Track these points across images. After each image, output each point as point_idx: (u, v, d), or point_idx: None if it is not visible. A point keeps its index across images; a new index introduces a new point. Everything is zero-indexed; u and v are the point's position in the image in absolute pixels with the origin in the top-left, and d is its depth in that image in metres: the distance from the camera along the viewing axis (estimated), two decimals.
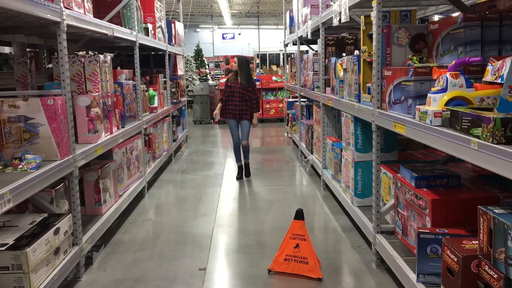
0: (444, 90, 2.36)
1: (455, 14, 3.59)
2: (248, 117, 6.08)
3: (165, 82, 7.16)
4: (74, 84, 3.68)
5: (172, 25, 7.86)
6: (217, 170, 6.78)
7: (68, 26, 3.10)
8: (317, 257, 3.28)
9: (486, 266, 1.95)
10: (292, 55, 9.47)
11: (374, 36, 3.16)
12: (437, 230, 2.46)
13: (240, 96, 5.99)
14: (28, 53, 5.98)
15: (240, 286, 3.15)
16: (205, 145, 9.09)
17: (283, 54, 11.40)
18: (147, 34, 5.87)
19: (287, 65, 9.97)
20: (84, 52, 7.15)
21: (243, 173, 6.28)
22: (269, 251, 3.64)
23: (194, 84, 15.58)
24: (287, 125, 9.43)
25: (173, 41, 7.86)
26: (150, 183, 5.90)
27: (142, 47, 5.59)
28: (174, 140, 7.74)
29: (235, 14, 24.57)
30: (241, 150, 6.18)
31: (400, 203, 3.07)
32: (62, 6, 3.00)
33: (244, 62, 6.08)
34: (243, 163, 6.26)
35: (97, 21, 3.82)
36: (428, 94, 2.47)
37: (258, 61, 22.31)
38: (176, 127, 8.04)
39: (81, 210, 3.37)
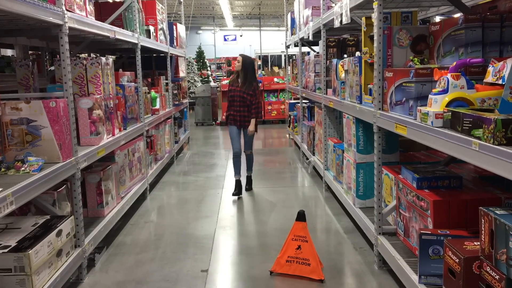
0: (445, 91, 2.37)
1: (456, 15, 3.60)
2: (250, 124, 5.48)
3: (167, 84, 7.17)
4: (76, 87, 3.68)
5: (174, 27, 7.88)
6: (219, 171, 6.78)
7: (70, 28, 3.11)
8: (319, 258, 3.27)
9: (488, 267, 1.95)
10: (294, 56, 9.47)
11: (375, 38, 3.17)
12: (439, 231, 2.46)
13: (241, 100, 5.37)
14: (30, 55, 5.99)
15: None
16: (207, 147, 9.10)
17: (285, 55, 11.40)
18: (149, 36, 5.88)
19: (289, 67, 9.98)
20: (86, 54, 7.18)
21: (241, 188, 5.51)
22: (271, 253, 3.64)
23: (196, 86, 15.60)
24: (289, 126, 9.43)
25: (175, 43, 7.88)
26: (152, 185, 5.91)
27: (144, 49, 5.61)
28: (176, 142, 7.75)
29: (236, 16, 24.58)
30: (241, 162, 5.55)
31: (402, 205, 3.07)
32: (64, 9, 3.01)
33: (248, 63, 5.44)
34: (242, 177, 5.55)
35: (99, 23, 3.84)
36: (429, 95, 2.47)
37: (259, 62, 22.36)
38: (178, 129, 8.05)
39: (83, 212, 3.38)
